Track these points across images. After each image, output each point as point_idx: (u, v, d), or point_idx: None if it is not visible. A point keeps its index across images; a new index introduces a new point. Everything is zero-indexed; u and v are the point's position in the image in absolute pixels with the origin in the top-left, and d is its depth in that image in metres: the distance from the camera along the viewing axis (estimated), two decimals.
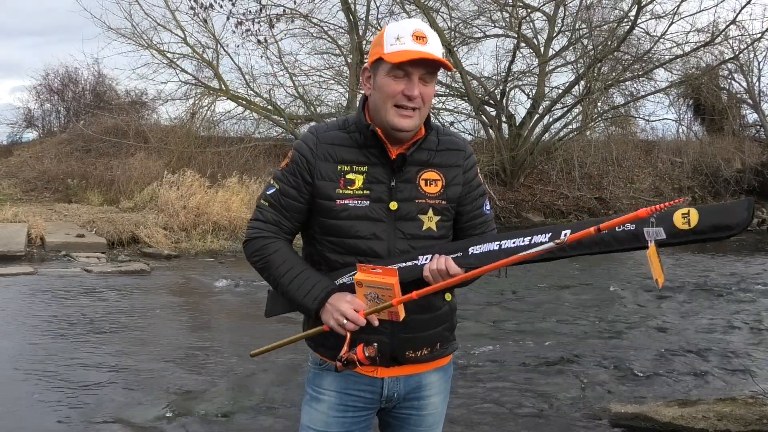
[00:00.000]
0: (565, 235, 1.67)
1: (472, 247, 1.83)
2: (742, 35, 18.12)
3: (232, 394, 4.54)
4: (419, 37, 1.78)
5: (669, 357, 5.58)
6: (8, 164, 18.03)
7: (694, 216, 1.66)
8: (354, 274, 1.82)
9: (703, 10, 22.61)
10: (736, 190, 19.89)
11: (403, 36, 1.79)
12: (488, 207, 2.04)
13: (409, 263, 1.82)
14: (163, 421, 4.07)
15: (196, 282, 8.91)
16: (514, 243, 1.79)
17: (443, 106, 19.43)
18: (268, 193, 1.93)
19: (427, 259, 1.82)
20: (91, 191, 14.57)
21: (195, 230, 11.95)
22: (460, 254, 1.82)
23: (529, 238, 1.78)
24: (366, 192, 1.85)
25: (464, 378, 4.95)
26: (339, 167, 1.86)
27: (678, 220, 1.67)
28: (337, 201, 1.84)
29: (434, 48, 1.79)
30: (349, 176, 1.85)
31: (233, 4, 16.62)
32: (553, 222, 17.91)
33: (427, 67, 1.80)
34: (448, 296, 1.96)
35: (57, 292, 7.76)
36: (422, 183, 1.89)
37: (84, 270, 9.14)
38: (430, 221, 1.89)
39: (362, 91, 1.96)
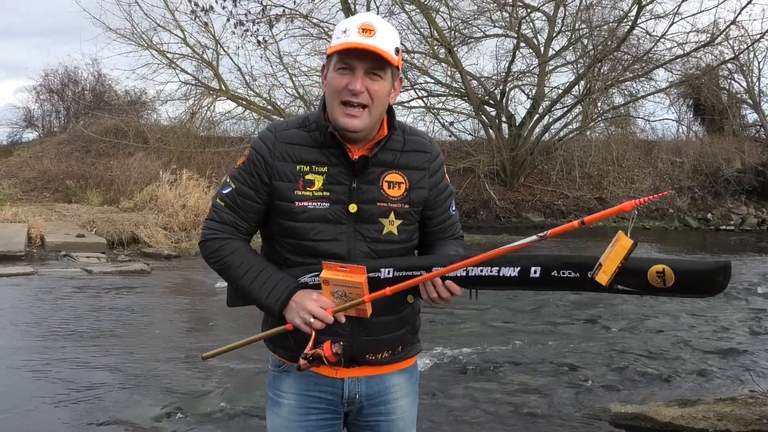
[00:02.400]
0: (546, 233, 1.64)
1: (436, 268, 1.76)
2: (742, 36, 18.14)
3: (231, 394, 4.54)
4: (365, 30, 1.69)
5: (669, 357, 5.58)
6: (8, 164, 18.06)
7: (669, 276, 1.65)
8: (315, 275, 1.77)
9: (703, 11, 22.61)
10: (736, 190, 19.89)
11: (350, 29, 1.71)
12: (453, 208, 1.97)
13: (371, 275, 1.75)
14: (163, 421, 4.07)
15: (196, 282, 8.91)
16: (481, 271, 1.75)
17: (443, 106, 19.46)
18: (224, 192, 1.84)
19: (389, 272, 1.76)
20: (91, 191, 14.58)
21: (195, 230, 11.95)
22: (422, 273, 1.76)
23: (497, 269, 1.74)
24: (326, 194, 1.78)
25: (464, 378, 4.95)
26: (298, 167, 1.78)
27: (653, 278, 1.66)
28: (296, 203, 1.77)
29: (381, 42, 1.70)
30: (309, 177, 1.78)
31: (235, 5, 16.65)
32: (554, 221, 17.89)
33: (373, 61, 1.71)
34: (410, 298, 1.87)
35: (57, 292, 7.76)
36: (385, 185, 1.81)
37: (84, 270, 9.14)
38: (391, 225, 1.82)
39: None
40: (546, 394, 4.64)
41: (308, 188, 1.78)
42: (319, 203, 1.78)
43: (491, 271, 1.74)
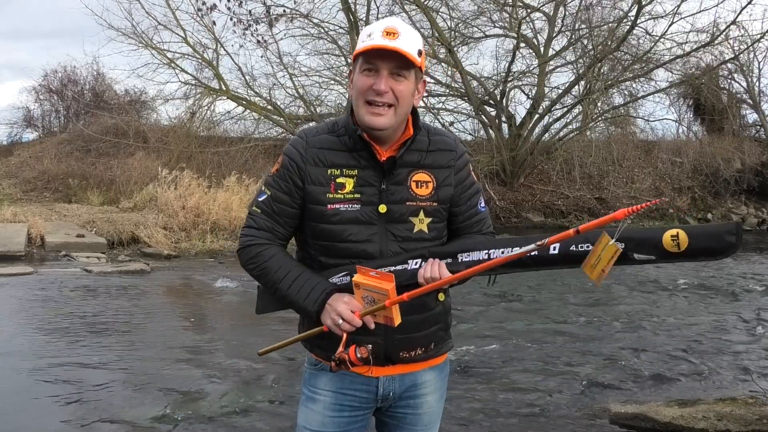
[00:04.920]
0: (545, 238, 1.67)
1: (462, 254, 1.83)
2: (742, 36, 18.14)
3: (232, 394, 4.54)
4: (389, 33, 1.77)
5: (669, 357, 5.58)
6: (8, 164, 18.03)
7: (683, 239, 1.70)
8: (345, 274, 1.83)
9: (703, 11, 22.64)
10: (736, 190, 19.89)
11: (375, 32, 1.78)
12: (483, 204, 2.03)
13: (399, 267, 1.82)
14: (163, 421, 4.07)
15: (196, 282, 8.91)
16: (502, 252, 1.79)
17: (443, 106, 19.45)
18: (259, 199, 1.91)
19: (416, 263, 1.82)
20: (91, 191, 14.57)
21: (195, 230, 11.95)
22: (450, 261, 1.82)
23: (518, 249, 1.78)
24: (357, 195, 1.84)
25: (464, 378, 4.95)
26: (329, 171, 1.85)
27: (668, 242, 1.70)
28: (329, 205, 1.84)
29: (404, 43, 1.77)
30: (340, 180, 1.84)
31: (240, 5, 16.67)
32: (554, 221, 17.90)
33: (396, 61, 1.78)
34: (441, 296, 1.95)
35: (57, 292, 7.76)
36: (413, 185, 1.88)
37: (84, 270, 9.14)
38: (421, 223, 1.88)
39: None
40: (546, 394, 4.64)
41: (340, 191, 1.84)
42: (350, 205, 1.84)
43: (512, 251, 1.77)
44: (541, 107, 18.69)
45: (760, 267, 10.84)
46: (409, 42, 1.79)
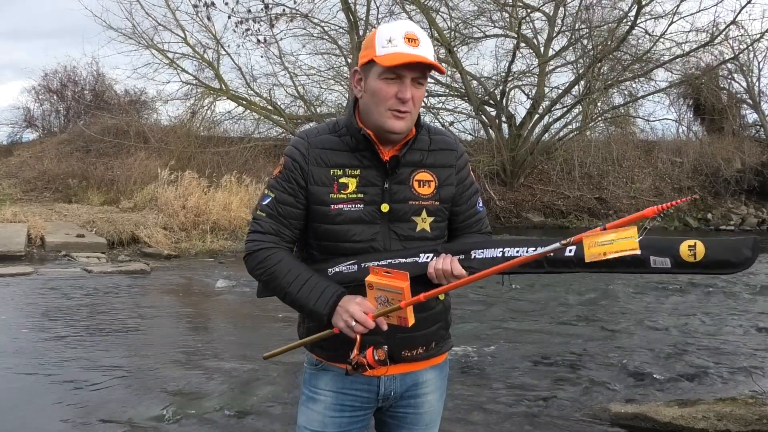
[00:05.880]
0: (570, 239, 1.63)
1: (475, 251, 1.82)
2: (741, 35, 18.15)
3: (232, 394, 4.54)
4: (411, 40, 1.75)
5: (669, 357, 5.58)
6: (8, 164, 18.05)
7: (700, 249, 1.70)
8: (353, 263, 1.82)
9: (702, 10, 22.65)
10: (736, 190, 19.89)
11: (395, 38, 1.76)
12: (481, 205, 2.03)
13: (410, 260, 1.82)
14: (163, 421, 4.07)
15: (196, 282, 8.91)
16: (517, 252, 1.78)
17: (443, 106, 19.47)
18: (263, 203, 1.88)
19: (428, 257, 1.81)
20: (92, 191, 14.58)
21: (195, 230, 11.95)
22: (462, 257, 1.81)
23: (533, 249, 1.76)
24: (360, 195, 1.84)
25: (464, 378, 4.95)
26: (332, 172, 1.84)
27: (684, 251, 1.70)
28: (332, 206, 1.83)
29: (426, 50, 1.77)
30: (343, 180, 1.84)
31: (237, 1, 16.70)
32: (554, 221, 17.90)
33: (420, 70, 1.79)
34: (441, 295, 1.94)
35: (57, 293, 7.76)
36: (415, 184, 1.88)
37: (84, 270, 9.14)
38: (423, 222, 1.89)
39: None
40: (546, 394, 4.64)
41: (343, 191, 1.84)
42: (353, 205, 1.84)
43: (527, 251, 1.76)
44: (541, 107, 18.71)
45: (760, 267, 10.84)
46: (429, 47, 1.80)
